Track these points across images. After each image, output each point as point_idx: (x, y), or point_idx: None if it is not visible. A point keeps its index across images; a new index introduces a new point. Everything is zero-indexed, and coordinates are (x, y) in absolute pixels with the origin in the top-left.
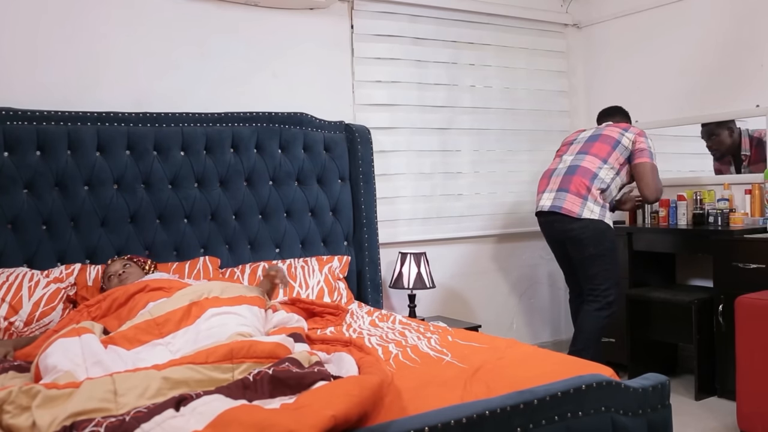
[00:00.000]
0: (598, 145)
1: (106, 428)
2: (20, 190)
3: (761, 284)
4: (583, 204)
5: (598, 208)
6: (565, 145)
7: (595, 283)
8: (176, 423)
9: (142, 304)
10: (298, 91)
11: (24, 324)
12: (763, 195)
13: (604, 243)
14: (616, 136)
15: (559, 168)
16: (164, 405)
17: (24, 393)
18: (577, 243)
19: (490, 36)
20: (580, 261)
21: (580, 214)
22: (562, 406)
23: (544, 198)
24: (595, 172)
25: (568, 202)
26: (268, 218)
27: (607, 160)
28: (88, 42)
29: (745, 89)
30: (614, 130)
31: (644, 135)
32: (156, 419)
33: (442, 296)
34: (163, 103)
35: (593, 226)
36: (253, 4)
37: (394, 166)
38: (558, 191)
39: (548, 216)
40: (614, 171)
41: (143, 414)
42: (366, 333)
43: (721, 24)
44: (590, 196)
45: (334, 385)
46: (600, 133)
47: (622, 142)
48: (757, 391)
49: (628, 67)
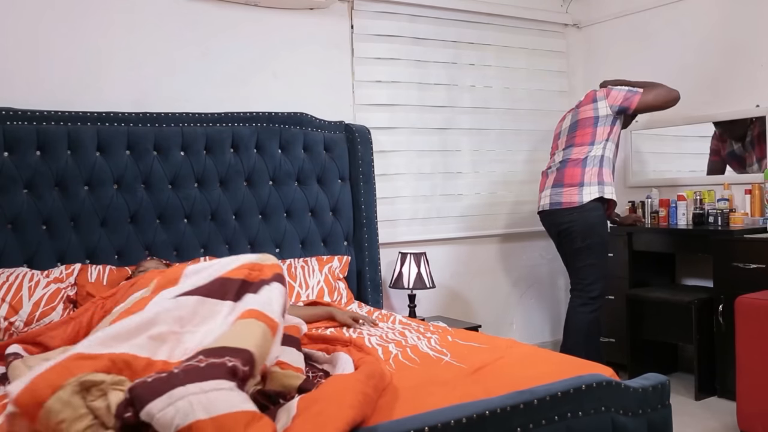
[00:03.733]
0: (579, 132)
1: (129, 390)
2: (20, 190)
3: (761, 284)
4: (581, 190)
5: (595, 187)
6: (554, 141)
7: (580, 276)
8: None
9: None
10: (298, 91)
11: (24, 324)
12: (763, 195)
13: (592, 237)
14: (592, 113)
15: (552, 166)
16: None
17: (115, 382)
18: (567, 236)
19: (490, 36)
20: (570, 254)
21: (581, 201)
22: (562, 406)
23: (543, 197)
24: (584, 157)
25: (566, 195)
26: (268, 218)
27: (594, 141)
28: (89, 42)
29: (745, 89)
30: (587, 109)
31: (612, 87)
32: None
33: (442, 296)
34: (163, 103)
35: (582, 220)
36: (253, 4)
37: (394, 166)
38: (553, 187)
39: (545, 213)
40: (604, 140)
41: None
42: (366, 333)
43: (721, 24)
44: (585, 180)
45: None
46: (577, 118)
47: (599, 113)
48: (757, 391)
49: (628, 67)
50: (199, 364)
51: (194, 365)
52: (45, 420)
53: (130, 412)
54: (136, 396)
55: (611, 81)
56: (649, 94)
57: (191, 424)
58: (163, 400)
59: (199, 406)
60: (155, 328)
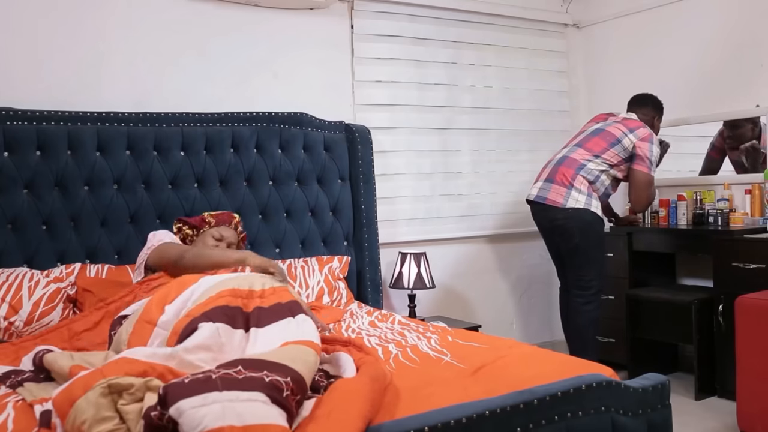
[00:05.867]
0: (595, 140)
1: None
2: (20, 190)
3: (761, 284)
4: (568, 193)
5: (583, 197)
6: (574, 137)
7: (580, 274)
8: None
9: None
10: (298, 91)
11: (24, 324)
12: (763, 195)
13: (590, 234)
14: (618, 135)
15: (553, 159)
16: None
17: (145, 386)
18: (563, 233)
19: (490, 36)
20: (566, 251)
21: (564, 204)
22: (562, 406)
23: (533, 187)
24: (582, 163)
25: (552, 192)
26: (268, 218)
27: (600, 155)
28: (89, 42)
29: (745, 89)
30: (619, 129)
31: (649, 140)
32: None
33: (442, 296)
34: (163, 103)
35: (579, 217)
36: (253, 4)
37: (394, 166)
38: (545, 181)
39: (536, 205)
40: (606, 165)
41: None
42: (365, 333)
43: (721, 24)
44: (574, 185)
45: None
46: (604, 129)
47: (623, 142)
48: (757, 391)
49: (628, 67)
50: (238, 375)
51: (233, 376)
52: (72, 419)
53: (157, 410)
54: (169, 392)
55: (649, 121)
56: (646, 182)
57: (222, 427)
58: (197, 399)
59: (232, 413)
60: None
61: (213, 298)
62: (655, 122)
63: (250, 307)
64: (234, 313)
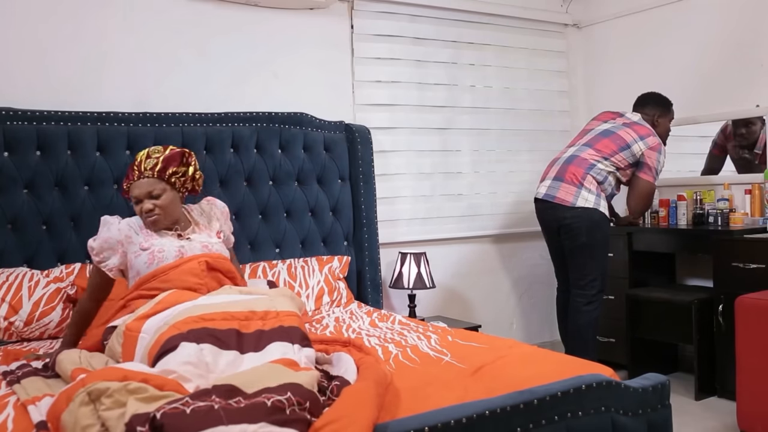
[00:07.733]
0: (605, 142)
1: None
2: (20, 190)
3: (761, 284)
4: (578, 193)
5: (593, 197)
6: (580, 134)
7: (583, 273)
8: None
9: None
10: (298, 91)
11: (24, 324)
12: (763, 195)
13: (596, 234)
14: (629, 140)
15: (561, 157)
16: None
17: (125, 390)
18: (570, 231)
19: (490, 36)
20: (571, 250)
21: (573, 203)
22: (562, 406)
23: (541, 185)
24: (592, 163)
25: (561, 191)
26: (268, 218)
27: (609, 158)
28: (89, 42)
29: (745, 89)
30: (630, 134)
31: (658, 150)
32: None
33: (442, 296)
34: (163, 103)
35: (587, 216)
36: (253, 4)
37: (394, 166)
38: (554, 180)
39: (543, 203)
40: (613, 167)
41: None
42: (365, 333)
43: (721, 24)
44: (585, 184)
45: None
46: (615, 131)
47: (632, 148)
48: (757, 391)
49: (628, 67)
50: (239, 405)
51: (234, 406)
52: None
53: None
54: (168, 423)
55: (658, 126)
56: (647, 191)
57: None
58: None
59: None
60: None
61: (204, 317)
62: (657, 120)
63: (251, 329)
64: (226, 335)
